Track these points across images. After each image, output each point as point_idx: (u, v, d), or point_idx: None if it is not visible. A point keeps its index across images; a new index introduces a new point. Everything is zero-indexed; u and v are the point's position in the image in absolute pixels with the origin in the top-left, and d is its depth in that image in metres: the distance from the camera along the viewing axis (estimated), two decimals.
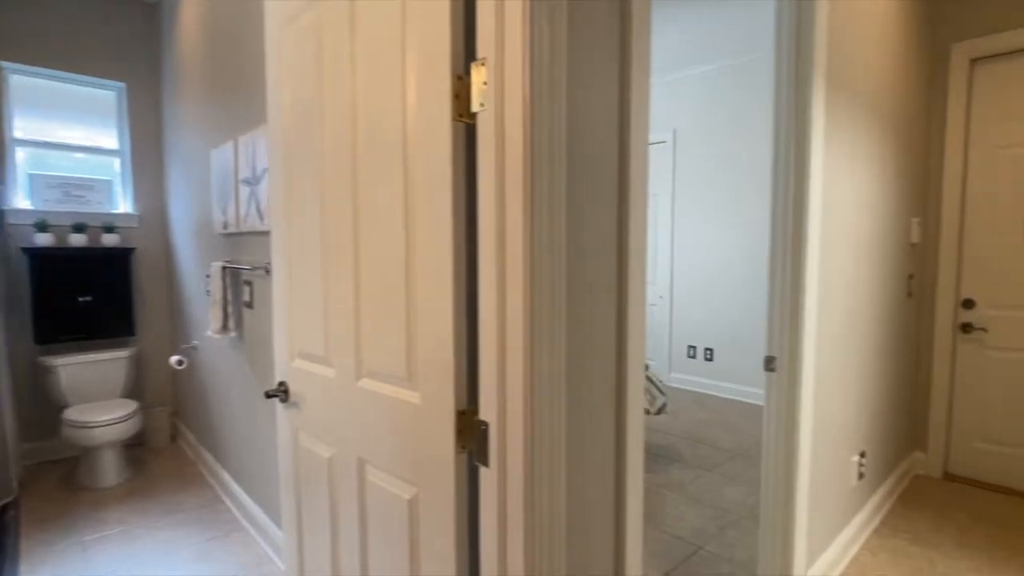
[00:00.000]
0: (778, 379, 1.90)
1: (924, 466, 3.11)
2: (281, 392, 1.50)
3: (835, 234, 2.02)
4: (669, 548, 2.37)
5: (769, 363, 1.91)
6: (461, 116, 1.00)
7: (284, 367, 1.55)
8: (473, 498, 1.07)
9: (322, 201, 1.35)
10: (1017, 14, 2.72)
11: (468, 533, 1.07)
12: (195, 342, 3.12)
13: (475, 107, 0.98)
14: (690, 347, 4.87)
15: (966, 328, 2.95)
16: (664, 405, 3.20)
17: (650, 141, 5.00)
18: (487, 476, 1.01)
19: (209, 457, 3.03)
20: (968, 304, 2.95)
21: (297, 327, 1.48)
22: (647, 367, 3.20)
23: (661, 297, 5.04)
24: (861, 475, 2.37)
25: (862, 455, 2.37)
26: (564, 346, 0.98)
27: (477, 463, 1.03)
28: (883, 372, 2.59)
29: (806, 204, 1.83)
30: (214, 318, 2.41)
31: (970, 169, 2.93)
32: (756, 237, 4.41)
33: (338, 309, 1.32)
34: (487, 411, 1.00)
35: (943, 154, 2.98)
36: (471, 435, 1.04)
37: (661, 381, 3.33)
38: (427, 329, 1.08)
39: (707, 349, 4.75)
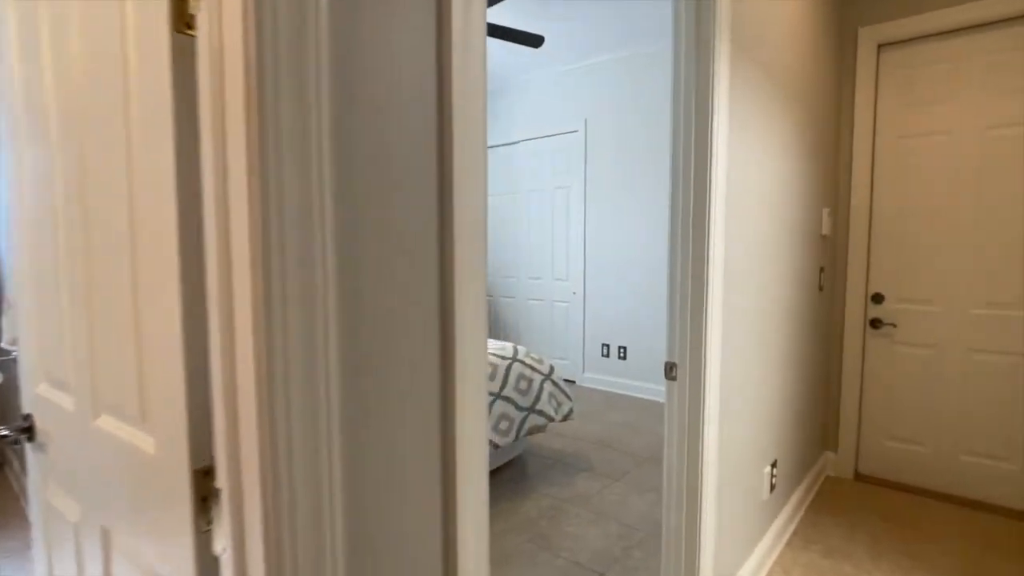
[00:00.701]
0: (679, 389, 1.66)
1: (835, 467, 3.00)
2: (17, 431, 1.10)
3: (742, 223, 1.80)
4: None
5: (670, 370, 1.67)
6: (189, 27, 0.66)
7: (30, 393, 1.15)
8: None
9: (52, 161, 0.97)
10: None
11: None
12: (14, 353, 2.59)
13: (192, 8, 0.64)
14: (604, 345, 4.66)
15: (875, 323, 2.86)
16: (570, 411, 2.95)
17: (562, 131, 4.76)
18: (225, 565, 0.67)
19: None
20: (877, 298, 2.86)
21: (44, 339, 1.09)
22: (551, 370, 2.94)
23: (574, 294, 4.80)
24: (773, 487, 2.19)
25: (774, 465, 2.18)
26: (336, 371, 0.66)
27: (215, 549, 0.69)
28: (795, 373, 2.43)
29: (709, 189, 1.59)
30: (6, 326, 1.94)
31: (878, 158, 2.83)
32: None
33: (75, 313, 0.95)
34: (221, 471, 0.67)
35: (852, 142, 2.87)
36: (214, 504, 0.71)
37: (572, 382, 3.08)
38: (157, 345, 0.74)
39: (620, 347, 4.56)
